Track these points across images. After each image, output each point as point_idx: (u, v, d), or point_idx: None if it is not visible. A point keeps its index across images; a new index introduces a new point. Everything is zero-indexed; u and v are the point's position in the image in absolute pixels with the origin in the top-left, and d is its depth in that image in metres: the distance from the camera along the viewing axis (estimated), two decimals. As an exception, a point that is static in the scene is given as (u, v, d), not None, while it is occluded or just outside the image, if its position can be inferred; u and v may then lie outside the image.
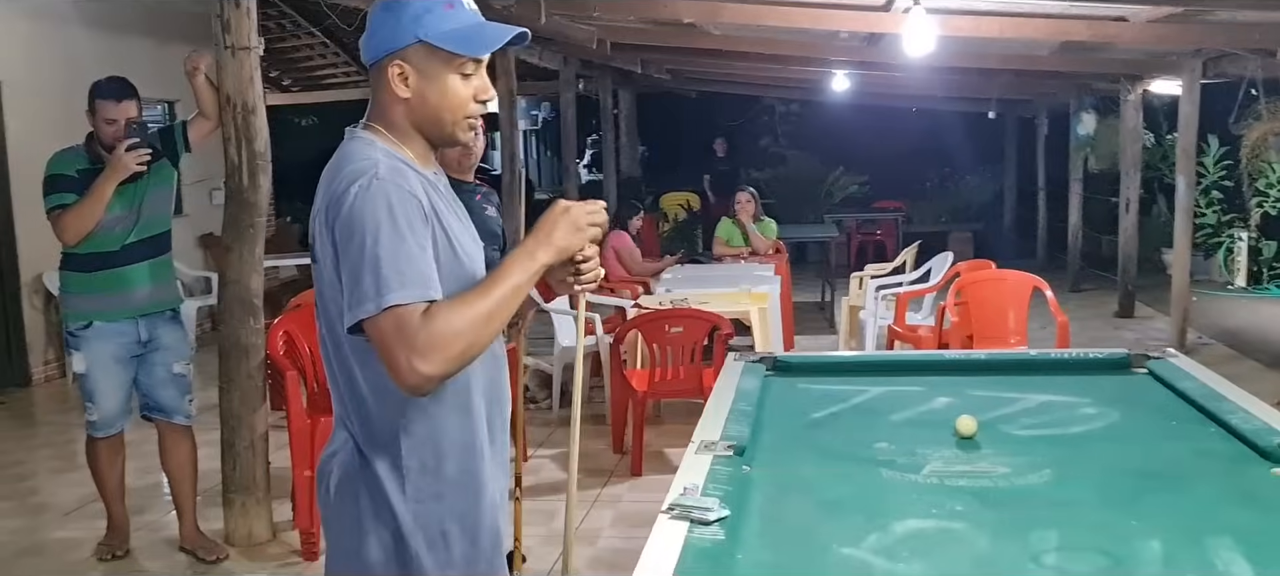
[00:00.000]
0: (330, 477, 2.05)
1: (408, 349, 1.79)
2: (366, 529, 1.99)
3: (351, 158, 1.96)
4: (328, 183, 1.95)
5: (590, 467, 5.58)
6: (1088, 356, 3.71)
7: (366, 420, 1.99)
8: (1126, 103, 9.95)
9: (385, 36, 1.98)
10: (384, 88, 2.02)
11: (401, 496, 1.99)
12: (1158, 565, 1.98)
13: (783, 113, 16.52)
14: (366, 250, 1.84)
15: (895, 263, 8.90)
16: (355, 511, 2.00)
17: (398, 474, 1.98)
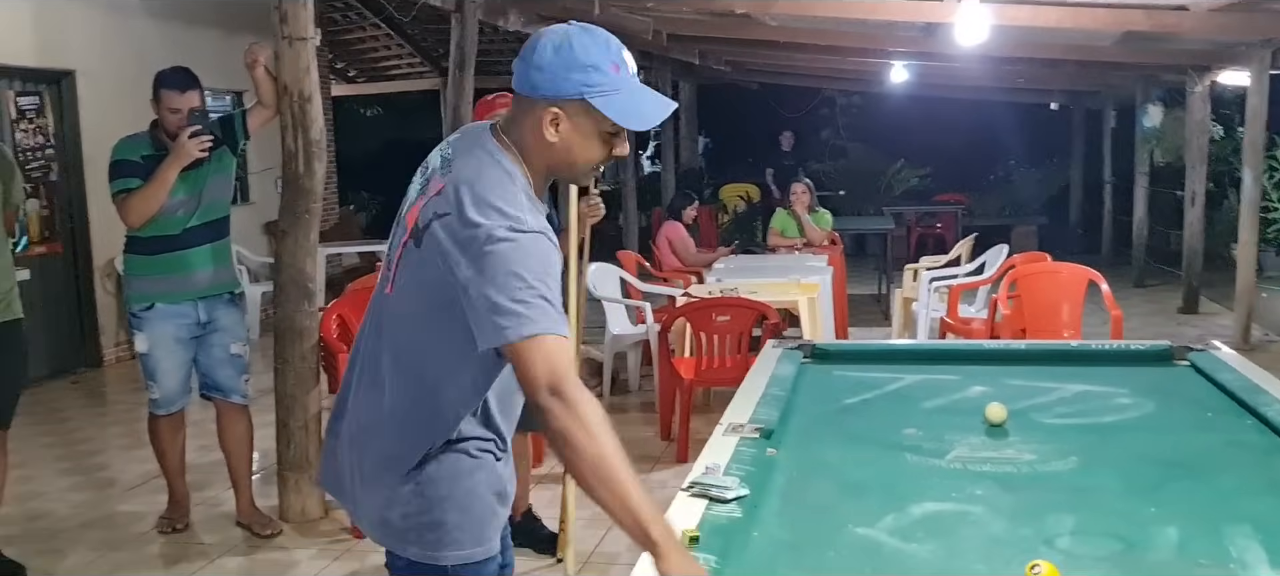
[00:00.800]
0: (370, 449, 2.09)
1: (550, 376, 1.88)
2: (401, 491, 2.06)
3: (498, 186, 1.96)
4: (470, 193, 1.94)
5: (637, 454, 5.64)
6: (1129, 348, 3.69)
7: (423, 402, 2.04)
8: (1193, 94, 9.74)
9: (549, 79, 1.96)
10: (532, 123, 2.01)
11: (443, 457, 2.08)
12: (1171, 550, 1.99)
13: (844, 105, 16.43)
14: (512, 284, 1.87)
15: (950, 255, 8.83)
16: (393, 479, 2.06)
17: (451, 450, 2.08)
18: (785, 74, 13.23)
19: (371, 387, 2.10)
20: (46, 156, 7.79)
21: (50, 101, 7.89)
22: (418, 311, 2.02)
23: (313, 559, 4.38)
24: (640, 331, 6.85)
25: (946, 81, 12.07)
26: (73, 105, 8.02)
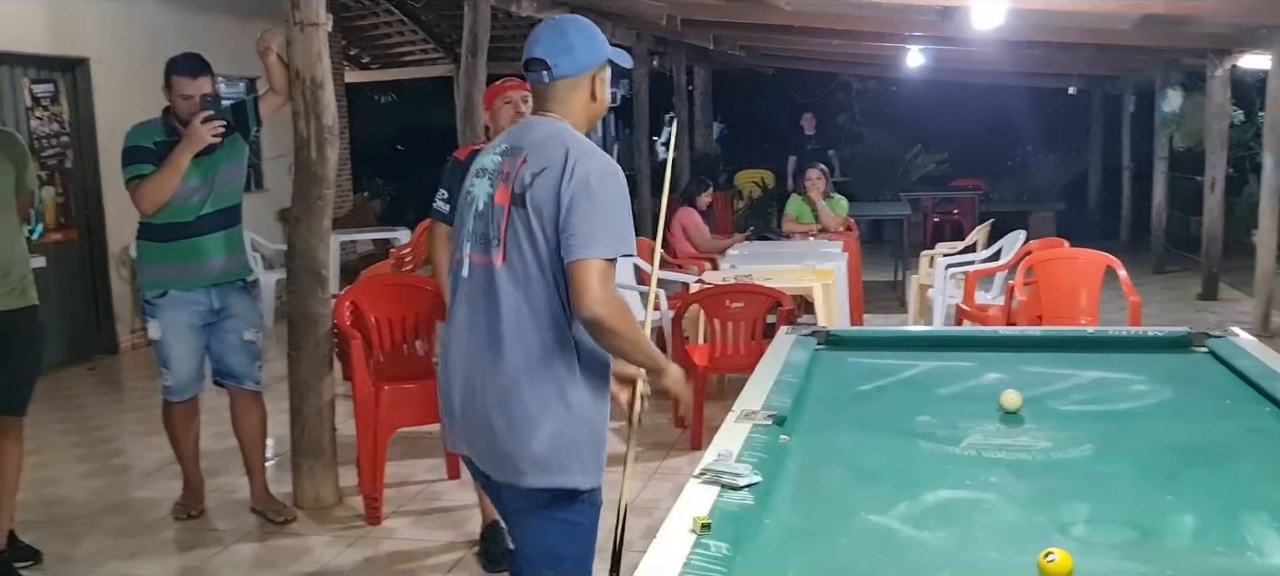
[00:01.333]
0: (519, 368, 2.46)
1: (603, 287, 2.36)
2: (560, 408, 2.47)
3: (590, 147, 2.49)
4: (577, 149, 2.44)
5: (651, 441, 5.64)
6: (1147, 334, 3.65)
7: (553, 346, 2.45)
8: (1213, 79, 9.64)
9: (589, 57, 2.57)
10: (583, 93, 2.57)
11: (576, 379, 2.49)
12: (1187, 538, 1.97)
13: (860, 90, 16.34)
14: (605, 215, 2.38)
15: (967, 241, 8.77)
16: (548, 390, 2.46)
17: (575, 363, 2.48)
18: (801, 59, 13.16)
19: (498, 351, 2.48)
20: (61, 144, 7.81)
21: (64, 89, 7.91)
22: (537, 263, 2.43)
23: (327, 545, 4.39)
24: (653, 318, 6.82)
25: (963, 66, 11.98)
26: (87, 92, 8.04)
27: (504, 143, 2.59)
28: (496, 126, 3.99)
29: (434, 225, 4.02)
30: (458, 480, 5.07)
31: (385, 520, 4.61)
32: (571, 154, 2.43)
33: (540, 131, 2.52)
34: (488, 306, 2.50)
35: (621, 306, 2.43)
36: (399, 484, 5.00)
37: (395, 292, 5.15)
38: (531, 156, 2.45)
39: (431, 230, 4.05)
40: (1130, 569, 1.85)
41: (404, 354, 5.02)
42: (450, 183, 3.96)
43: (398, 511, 4.72)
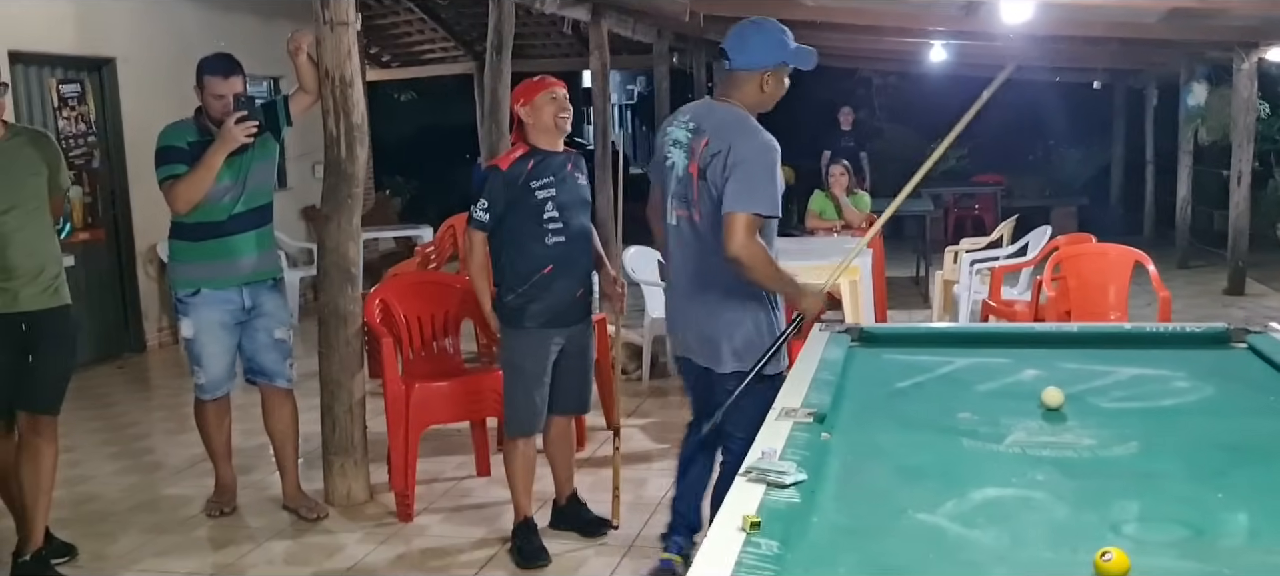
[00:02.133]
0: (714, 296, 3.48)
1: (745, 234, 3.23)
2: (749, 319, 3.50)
3: (753, 127, 3.36)
4: (740, 130, 3.33)
5: (677, 438, 5.60)
6: (1184, 330, 3.62)
7: (721, 269, 3.36)
8: (1240, 72, 9.57)
9: (764, 56, 3.40)
10: (751, 87, 3.41)
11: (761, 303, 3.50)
12: (1242, 537, 1.95)
13: (880, 85, 16.28)
14: (755, 182, 3.24)
15: (992, 237, 8.73)
16: (741, 314, 3.48)
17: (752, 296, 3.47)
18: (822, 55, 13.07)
19: (699, 282, 3.50)
20: (88, 143, 7.86)
21: (91, 88, 7.96)
22: (717, 219, 3.32)
23: (359, 542, 4.41)
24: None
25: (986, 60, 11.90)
26: (114, 92, 8.09)
27: (690, 120, 3.46)
28: (539, 122, 3.99)
29: (471, 232, 4.01)
30: (487, 477, 5.09)
31: (417, 517, 4.62)
32: (738, 136, 3.28)
33: (718, 115, 3.40)
34: (691, 249, 3.49)
35: (759, 251, 3.25)
36: (429, 481, 5.01)
37: (424, 290, 5.17)
38: (711, 139, 3.33)
39: (469, 236, 4.03)
40: (1186, 568, 1.83)
41: (433, 351, 5.03)
42: (492, 193, 3.95)
43: (429, 508, 4.73)
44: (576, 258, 4.09)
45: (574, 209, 4.06)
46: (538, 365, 4.07)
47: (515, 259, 4.01)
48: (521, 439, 4.16)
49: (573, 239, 4.05)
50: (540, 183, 3.96)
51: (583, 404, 4.37)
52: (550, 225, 3.99)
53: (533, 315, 4.01)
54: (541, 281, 3.99)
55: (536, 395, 4.10)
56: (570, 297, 4.09)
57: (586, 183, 4.21)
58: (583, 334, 4.22)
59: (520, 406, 4.12)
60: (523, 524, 4.23)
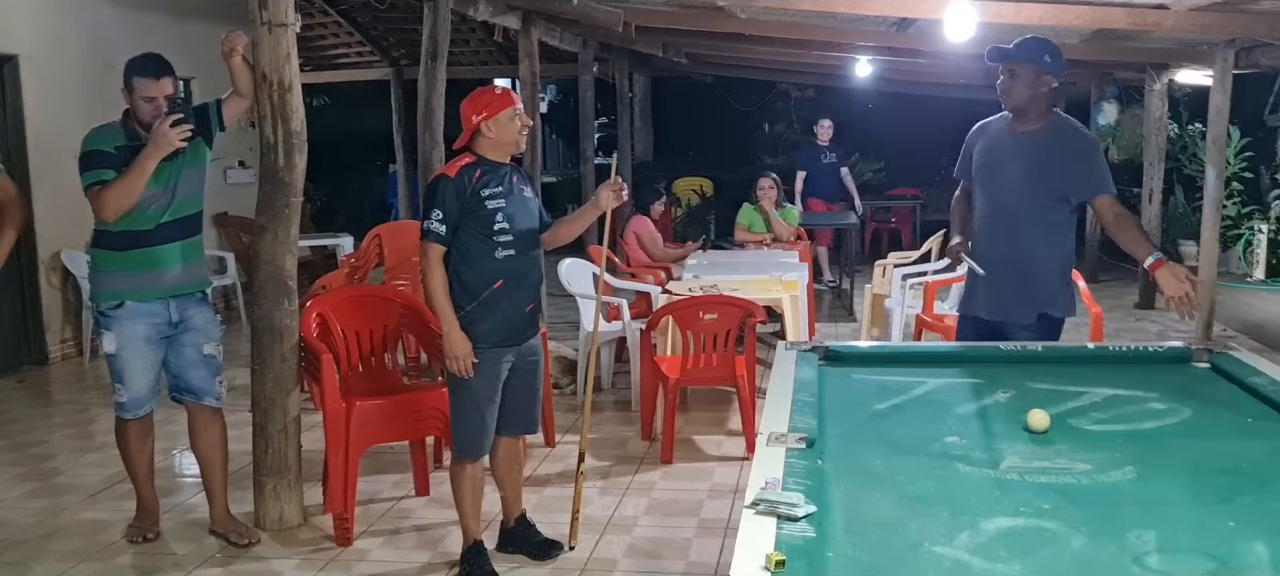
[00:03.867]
0: None
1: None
2: None
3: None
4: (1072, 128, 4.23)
5: (620, 455, 5.52)
6: (1147, 350, 3.65)
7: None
8: (1152, 92, 9.85)
9: (1061, 67, 4.14)
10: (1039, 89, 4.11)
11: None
12: (1268, 569, 1.92)
13: (797, 98, 16.37)
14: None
15: (920, 251, 8.81)
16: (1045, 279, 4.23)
17: None
18: (744, 67, 13.15)
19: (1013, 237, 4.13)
20: (-12, 145, 7.42)
21: (-9, 87, 7.52)
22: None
23: (295, 569, 4.20)
24: (615, 329, 6.72)
25: (909, 76, 12.09)
26: (15, 91, 7.65)
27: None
28: (501, 137, 3.85)
29: (428, 246, 3.81)
30: (427, 496, 4.91)
31: (356, 541, 4.42)
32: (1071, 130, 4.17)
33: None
34: (1012, 222, 4.14)
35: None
36: (366, 502, 4.81)
37: (363, 304, 4.97)
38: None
39: (425, 251, 3.82)
40: (1222, 603, 1.79)
41: (372, 367, 4.84)
42: (446, 202, 3.79)
43: (368, 531, 4.53)
44: (526, 271, 3.96)
45: (524, 222, 3.94)
46: (488, 386, 3.92)
47: (464, 274, 3.85)
48: (470, 462, 4.00)
49: (522, 252, 3.92)
50: (490, 193, 3.83)
51: (532, 423, 4.24)
52: (500, 237, 3.85)
53: (483, 334, 3.86)
54: (492, 297, 3.85)
55: (487, 416, 3.95)
56: (521, 314, 3.96)
57: (534, 196, 4.09)
58: (532, 351, 4.09)
59: (469, 428, 3.96)
60: (472, 548, 4.07)
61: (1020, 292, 4.10)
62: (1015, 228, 4.11)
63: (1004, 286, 4.11)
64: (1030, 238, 4.11)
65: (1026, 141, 4.12)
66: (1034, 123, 4.14)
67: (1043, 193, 4.10)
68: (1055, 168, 4.07)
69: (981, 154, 4.30)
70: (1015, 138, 4.16)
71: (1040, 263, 4.13)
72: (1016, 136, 4.16)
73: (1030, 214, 4.11)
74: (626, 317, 6.55)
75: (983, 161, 4.28)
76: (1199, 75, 9.11)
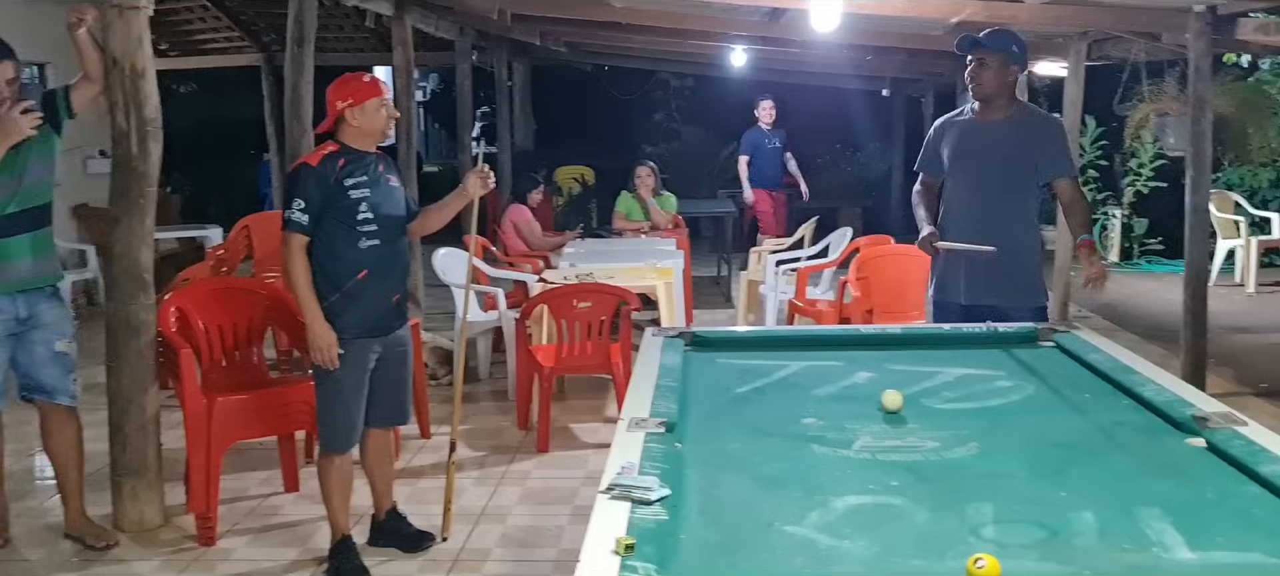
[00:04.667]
0: None
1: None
2: None
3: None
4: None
5: (496, 445, 5.50)
6: (998, 331, 3.79)
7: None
8: (1012, 83, 10.20)
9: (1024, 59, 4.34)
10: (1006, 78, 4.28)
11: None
12: (1093, 536, 2.02)
13: (677, 87, 16.50)
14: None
15: (794, 238, 8.98)
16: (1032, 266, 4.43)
17: None
18: (623, 56, 13.18)
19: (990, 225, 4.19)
20: None
21: None
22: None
23: (156, 571, 4.08)
24: (491, 318, 6.69)
25: (784, 66, 12.28)
26: None
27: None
28: (367, 126, 3.80)
29: (290, 237, 3.73)
30: (296, 493, 4.81)
31: (220, 540, 4.31)
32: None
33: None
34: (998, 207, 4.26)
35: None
36: (231, 500, 4.69)
37: (224, 297, 4.83)
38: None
39: (287, 241, 3.74)
40: (1050, 570, 1.88)
41: (236, 361, 4.71)
42: (307, 191, 3.72)
43: (233, 530, 4.42)
44: (392, 262, 3.92)
45: (389, 211, 3.89)
46: (355, 377, 3.87)
47: (328, 264, 3.79)
48: (338, 455, 3.94)
49: (388, 243, 3.88)
50: (354, 182, 3.78)
51: (403, 414, 4.20)
52: (364, 227, 3.80)
53: (348, 325, 3.80)
54: (355, 287, 3.80)
55: (354, 408, 3.90)
56: (386, 304, 3.91)
57: (400, 185, 4.04)
58: (400, 342, 4.04)
59: (337, 421, 3.90)
60: (340, 543, 4.00)
61: (1016, 279, 4.27)
62: (1001, 216, 4.24)
63: (1000, 274, 4.23)
64: (1016, 224, 4.26)
65: (998, 130, 4.26)
66: (1001, 112, 4.28)
67: (1021, 179, 4.26)
68: (1030, 151, 4.24)
69: (955, 147, 4.37)
70: (987, 127, 4.28)
71: (1028, 249, 4.32)
72: (988, 125, 4.27)
73: (1013, 200, 4.27)
74: (503, 307, 6.52)
75: (958, 155, 4.35)
76: (1056, 67, 9.46)
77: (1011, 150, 4.24)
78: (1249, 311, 8.87)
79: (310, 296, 3.75)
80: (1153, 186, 11.27)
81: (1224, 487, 2.24)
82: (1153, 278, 10.68)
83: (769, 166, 10.59)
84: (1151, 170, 11.22)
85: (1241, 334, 7.97)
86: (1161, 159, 10.70)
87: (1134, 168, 11.38)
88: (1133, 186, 11.47)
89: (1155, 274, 10.89)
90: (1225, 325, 8.05)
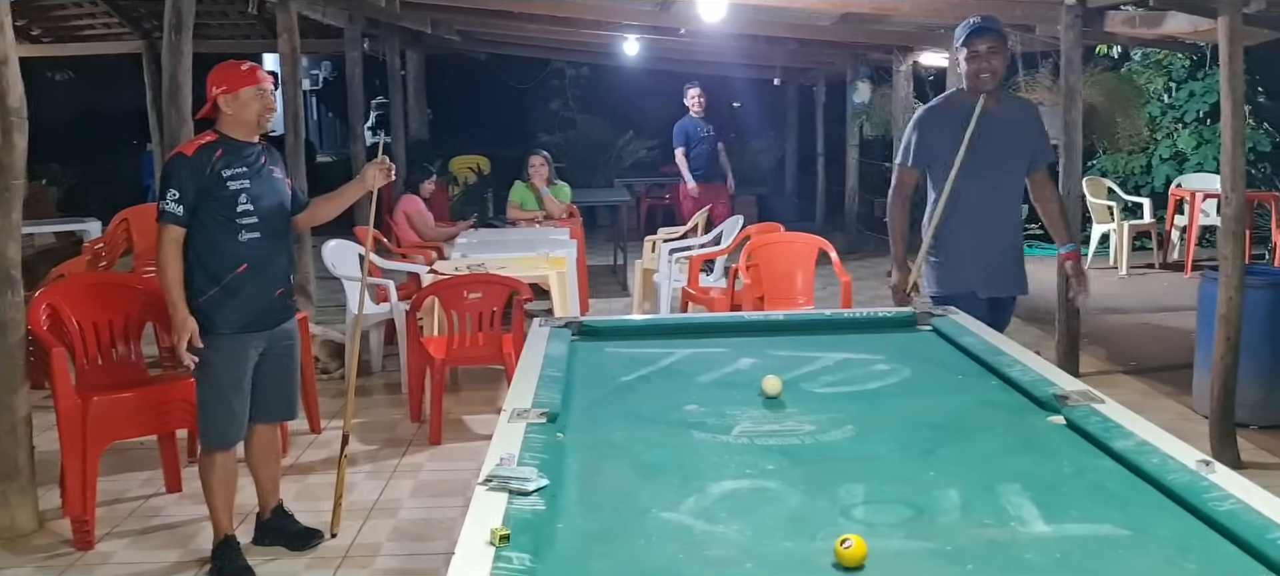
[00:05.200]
0: None
1: None
2: None
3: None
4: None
5: (389, 438, 5.45)
6: (877, 315, 3.89)
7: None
8: (898, 73, 10.46)
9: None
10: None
11: None
12: (956, 513, 2.09)
13: (572, 76, 16.46)
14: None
15: (687, 226, 9.06)
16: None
17: None
18: (517, 45, 13.10)
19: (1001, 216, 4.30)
20: None
21: None
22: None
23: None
24: (383, 310, 6.60)
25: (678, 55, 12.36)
26: None
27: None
28: (241, 115, 3.72)
29: (164, 227, 3.65)
30: (179, 493, 4.69)
31: (98, 543, 4.19)
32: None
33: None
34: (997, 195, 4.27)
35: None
36: (111, 502, 4.56)
37: (100, 294, 4.67)
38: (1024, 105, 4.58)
39: (161, 232, 3.65)
40: (914, 547, 1.94)
41: (113, 359, 4.57)
42: (181, 182, 3.64)
43: (112, 533, 4.30)
44: (274, 255, 3.85)
45: (270, 203, 3.81)
46: (235, 372, 3.79)
47: (206, 257, 3.71)
48: (219, 452, 3.85)
49: (269, 235, 3.81)
50: (232, 173, 3.70)
51: (290, 410, 4.13)
52: (244, 220, 3.73)
53: (227, 319, 3.73)
54: (235, 281, 3.72)
55: (235, 404, 3.82)
56: (268, 298, 3.84)
57: (283, 176, 3.96)
58: (285, 336, 3.97)
59: (217, 417, 3.82)
60: (223, 543, 3.92)
61: (1017, 265, 4.41)
62: (1008, 204, 4.36)
63: (1006, 262, 4.36)
64: (1017, 211, 4.42)
65: (997, 117, 4.18)
66: (995, 100, 4.23)
67: (1020, 165, 4.34)
68: (1025, 137, 4.33)
69: (951, 138, 4.17)
70: (986, 115, 4.12)
71: (1019, 234, 4.49)
72: (987, 113, 4.13)
73: (1016, 188, 4.39)
74: (394, 299, 6.45)
75: (952, 146, 4.15)
76: (939, 57, 9.72)
77: (1010, 137, 4.25)
78: (1121, 293, 9.24)
79: (177, 285, 3.67)
80: (1033, 173, 11.66)
81: (1080, 462, 2.34)
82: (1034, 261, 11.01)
83: (704, 158, 10.12)
84: (1031, 157, 11.60)
85: (1114, 314, 8.30)
86: (1041, 146, 11.07)
87: (1014, 154, 11.76)
88: (1014, 173, 11.85)
89: (1036, 257, 11.25)
90: (1099, 306, 8.37)
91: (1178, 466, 2.16)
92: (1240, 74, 4.69)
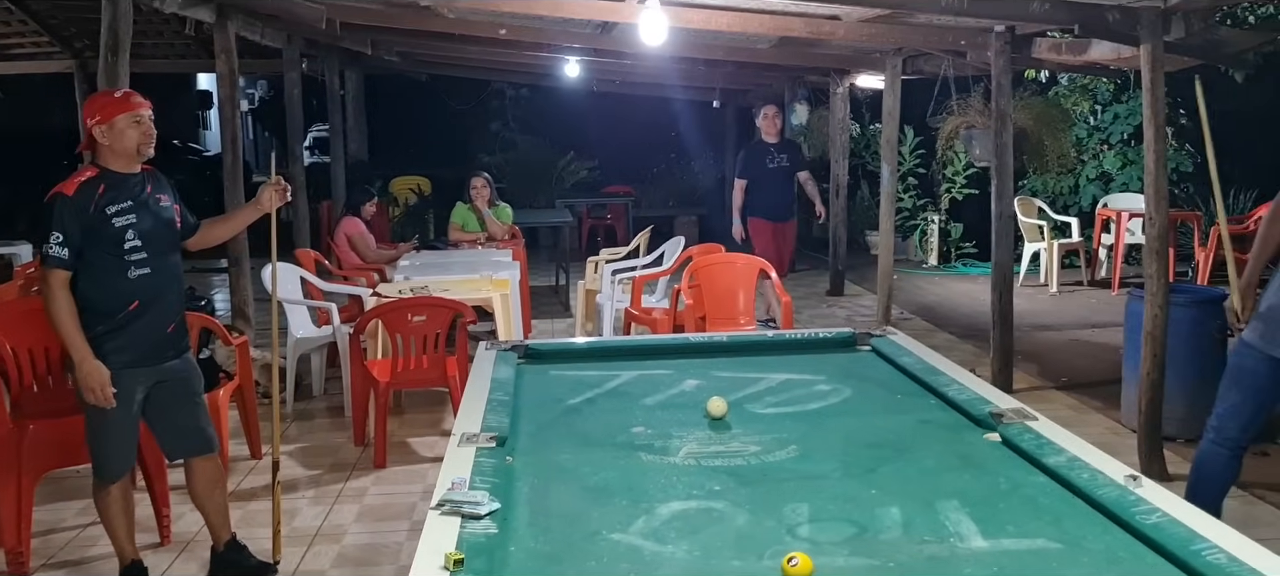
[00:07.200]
0: None
1: None
2: None
3: None
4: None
5: (332, 463, 5.41)
6: (819, 336, 3.97)
7: None
8: (836, 95, 10.65)
9: None
10: None
11: None
12: (898, 530, 2.16)
13: (513, 97, 16.50)
14: None
15: (629, 247, 9.11)
16: None
17: None
18: (458, 66, 13.09)
19: None
20: None
21: None
22: None
23: (-38, 611, 3.85)
24: (325, 333, 6.56)
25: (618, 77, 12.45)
26: None
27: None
28: (118, 145, 3.55)
29: (50, 273, 3.48)
30: (117, 522, 4.61)
31: (33, 575, 4.11)
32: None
33: None
34: None
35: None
36: (46, 532, 4.48)
37: (35, 319, 4.57)
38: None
39: (46, 278, 3.48)
40: (858, 564, 2.01)
41: (50, 386, 4.49)
42: (64, 223, 3.45)
43: (48, 564, 4.22)
44: (164, 289, 3.71)
45: (159, 236, 3.68)
46: (121, 408, 3.64)
47: (95, 296, 3.56)
48: (114, 483, 3.77)
49: (159, 270, 3.66)
50: (118, 208, 3.55)
51: (205, 441, 3.97)
52: (133, 256, 3.58)
53: (112, 352, 3.58)
54: (126, 318, 3.59)
55: (126, 434, 3.71)
56: (160, 334, 3.71)
57: (171, 204, 3.80)
58: (181, 370, 3.83)
59: (107, 450, 3.71)
60: (129, 568, 3.86)
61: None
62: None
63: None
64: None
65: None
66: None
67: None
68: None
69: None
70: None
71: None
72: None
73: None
74: (336, 322, 6.41)
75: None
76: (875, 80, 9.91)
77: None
78: (1052, 310, 9.47)
79: (77, 334, 3.51)
80: (966, 193, 11.92)
81: (1015, 478, 2.42)
82: (968, 279, 11.28)
83: (773, 192, 8.37)
84: (965, 178, 11.86)
85: (1046, 331, 8.50)
86: (973, 167, 11.32)
87: (949, 176, 12.01)
88: (948, 193, 12.10)
89: (970, 276, 11.51)
90: (1031, 323, 8.59)
91: (1107, 481, 2.25)
92: (1162, 99, 4.86)
